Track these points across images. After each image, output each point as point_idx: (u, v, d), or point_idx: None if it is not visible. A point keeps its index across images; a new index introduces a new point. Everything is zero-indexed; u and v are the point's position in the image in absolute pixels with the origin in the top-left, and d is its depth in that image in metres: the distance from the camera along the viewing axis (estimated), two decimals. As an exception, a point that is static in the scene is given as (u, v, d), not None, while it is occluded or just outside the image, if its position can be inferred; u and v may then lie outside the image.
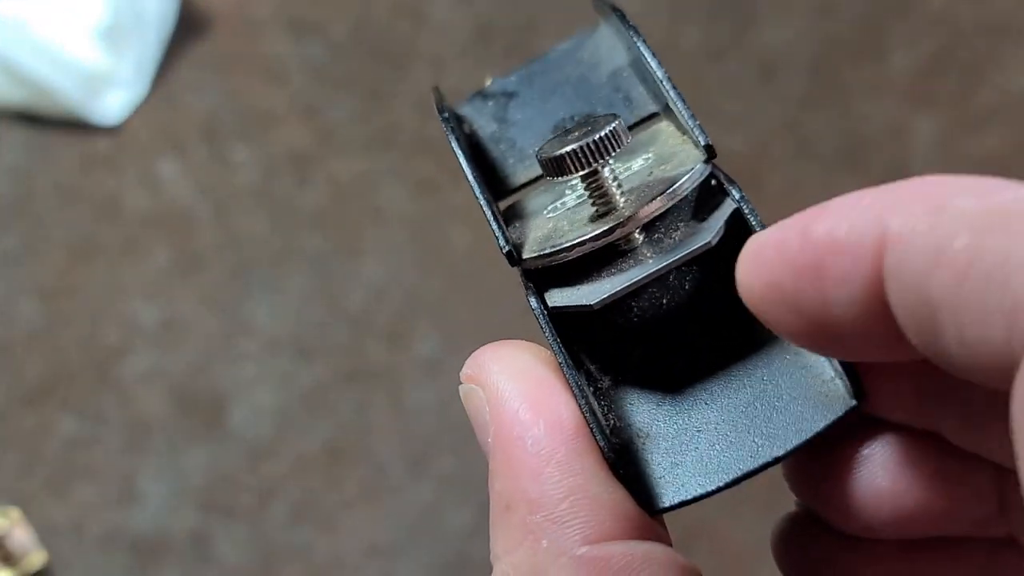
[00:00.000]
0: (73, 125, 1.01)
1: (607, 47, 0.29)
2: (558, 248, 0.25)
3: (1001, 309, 0.17)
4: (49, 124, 1.02)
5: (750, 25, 1.02)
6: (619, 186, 0.25)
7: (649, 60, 0.26)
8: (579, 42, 0.29)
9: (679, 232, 0.25)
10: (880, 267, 0.19)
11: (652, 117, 0.28)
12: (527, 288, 0.25)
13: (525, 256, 0.25)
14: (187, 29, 1.05)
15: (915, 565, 0.24)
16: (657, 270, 0.24)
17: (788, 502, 0.27)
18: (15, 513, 0.83)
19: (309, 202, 0.98)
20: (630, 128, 0.27)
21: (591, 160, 0.24)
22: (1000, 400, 0.18)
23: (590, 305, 0.24)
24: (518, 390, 0.23)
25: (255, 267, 0.95)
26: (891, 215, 0.19)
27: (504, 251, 0.25)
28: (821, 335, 0.21)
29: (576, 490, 0.22)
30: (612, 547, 0.21)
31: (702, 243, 0.24)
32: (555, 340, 0.24)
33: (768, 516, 0.29)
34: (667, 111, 0.27)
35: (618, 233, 0.25)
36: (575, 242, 0.25)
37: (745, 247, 0.22)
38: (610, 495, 0.22)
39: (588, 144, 0.24)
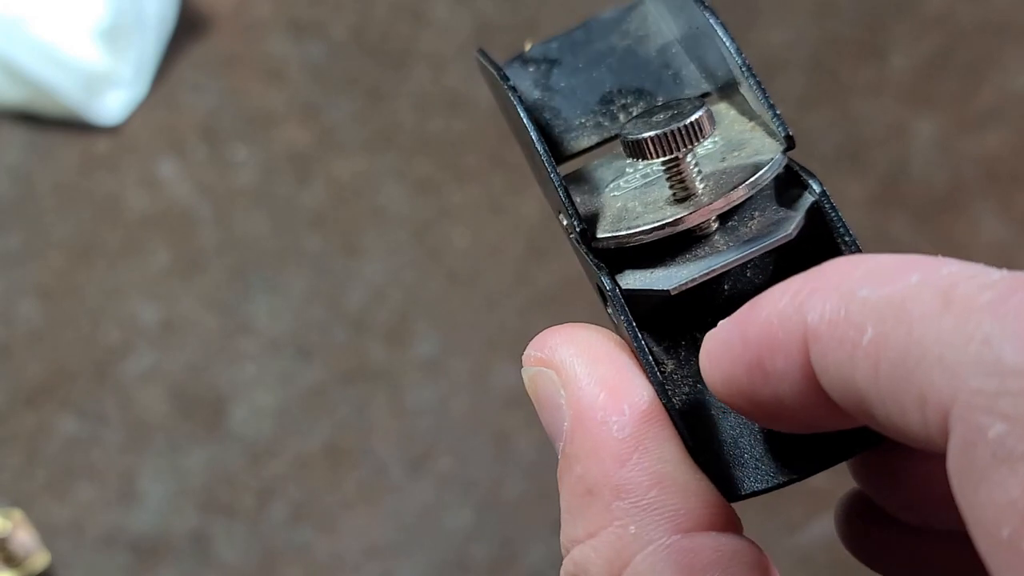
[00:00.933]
0: (73, 125, 1.01)
1: (656, 21, 0.28)
2: (635, 230, 0.24)
3: (912, 401, 0.18)
4: (49, 124, 1.02)
5: (750, 25, 1.02)
6: (699, 172, 0.25)
7: (729, 45, 0.25)
8: (624, 13, 0.29)
9: (755, 222, 0.25)
10: (809, 360, 0.20)
11: (703, 96, 0.27)
12: (599, 268, 0.25)
13: (599, 235, 0.25)
14: (187, 29, 1.05)
15: (975, 557, 0.25)
16: (736, 259, 0.24)
17: (788, 503, 0.27)
18: (17, 515, 0.83)
19: (309, 202, 0.98)
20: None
21: (678, 147, 0.24)
22: None
23: (667, 291, 0.24)
24: (597, 374, 0.23)
25: (255, 267, 0.95)
26: (808, 308, 0.20)
27: (577, 229, 0.25)
28: (785, 421, 0.21)
29: (665, 477, 0.22)
30: (702, 539, 0.21)
31: (782, 235, 0.24)
32: (630, 324, 0.24)
33: (768, 516, 0.29)
34: (723, 92, 0.27)
35: (698, 220, 0.24)
36: (654, 225, 0.24)
37: (704, 343, 0.22)
38: (697, 483, 0.22)
39: (677, 130, 0.24)
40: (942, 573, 0.25)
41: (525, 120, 0.26)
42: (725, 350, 0.21)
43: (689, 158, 0.25)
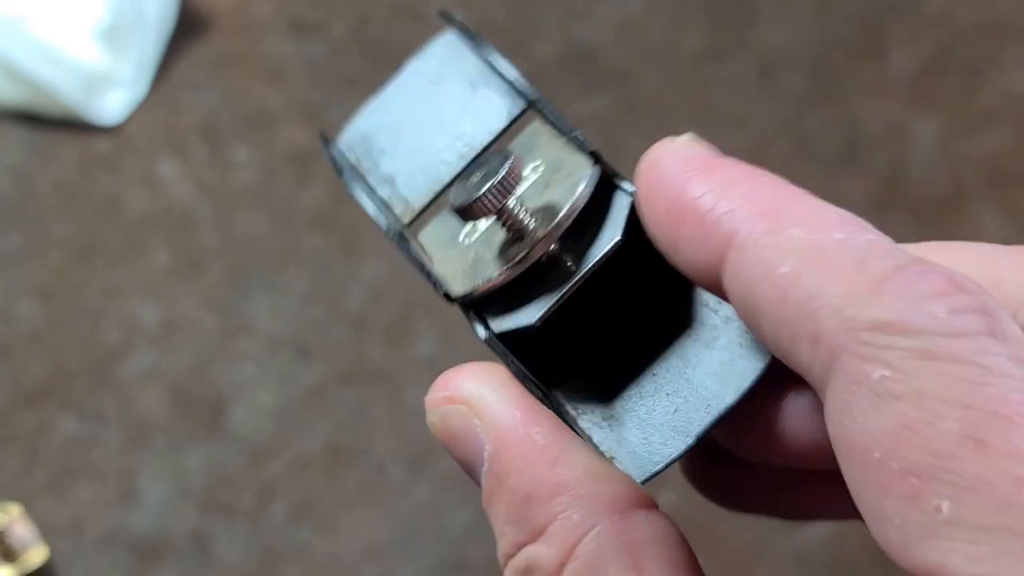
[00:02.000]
0: (73, 125, 1.01)
1: (451, 61, 0.30)
2: (486, 282, 0.26)
3: (806, 336, 0.21)
4: (49, 124, 1.02)
5: (750, 25, 1.02)
6: (526, 211, 0.27)
7: (518, 85, 0.28)
8: (424, 57, 0.31)
9: (588, 235, 0.27)
10: (722, 257, 0.22)
11: (520, 116, 0.29)
12: (471, 320, 0.27)
13: (461, 292, 0.27)
14: (187, 29, 1.05)
15: (819, 491, 0.27)
16: (581, 278, 0.26)
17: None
18: (15, 509, 0.83)
19: (309, 202, 0.98)
20: (503, 132, 0.29)
21: (498, 201, 0.26)
22: None
23: (533, 325, 0.26)
24: (507, 397, 0.25)
25: (255, 267, 0.95)
26: (741, 219, 0.22)
27: (441, 293, 0.27)
28: (680, 265, 0.24)
29: (593, 469, 0.24)
30: (637, 518, 0.23)
31: (613, 242, 0.26)
32: (513, 362, 0.26)
33: (767, 516, 0.30)
34: (533, 108, 0.29)
35: (536, 256, 0.26)
36: (499, 274, 0.26)
37: (651, 153, 0.25)
38: (617, 471, 0.25)
39: (492, 189, 0.26)
40: (778, 506, 0.29)
41: (364, 206, 0.29)
42: (662, 184, 0.24)
43: (512, 203, 0.26)
